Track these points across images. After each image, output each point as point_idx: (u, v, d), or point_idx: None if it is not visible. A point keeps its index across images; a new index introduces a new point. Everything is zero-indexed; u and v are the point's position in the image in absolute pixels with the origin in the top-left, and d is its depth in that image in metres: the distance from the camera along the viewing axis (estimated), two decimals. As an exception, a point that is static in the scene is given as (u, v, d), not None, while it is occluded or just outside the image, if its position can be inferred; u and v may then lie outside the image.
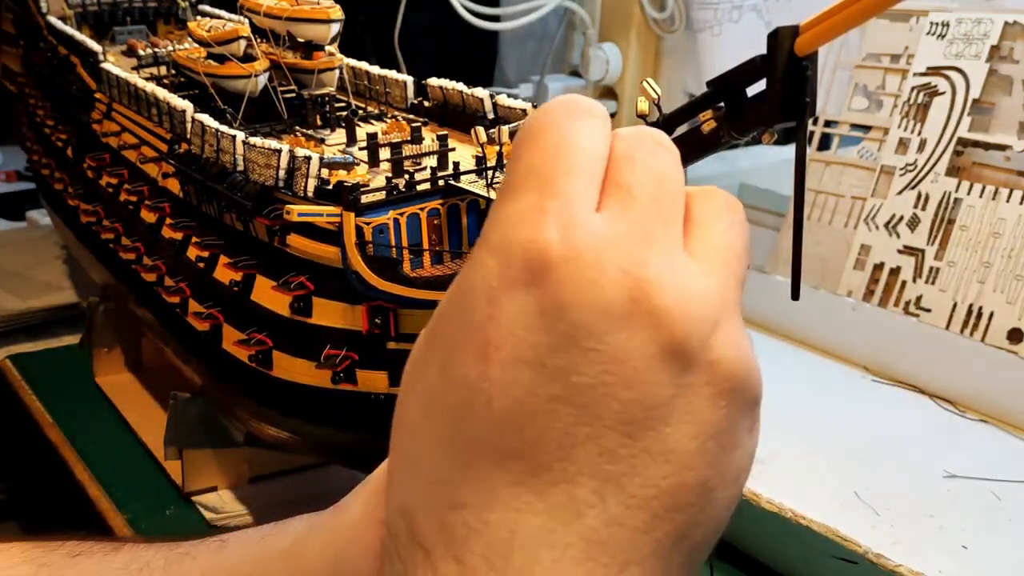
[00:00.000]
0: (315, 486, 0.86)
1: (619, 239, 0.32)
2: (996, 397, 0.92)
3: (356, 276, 0.62)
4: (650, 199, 0.33)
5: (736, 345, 0.32)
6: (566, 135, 0.34)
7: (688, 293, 0.31)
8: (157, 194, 0.88)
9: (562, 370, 0.31)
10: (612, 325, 0.31)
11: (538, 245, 0.31)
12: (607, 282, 0.31)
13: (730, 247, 0.34)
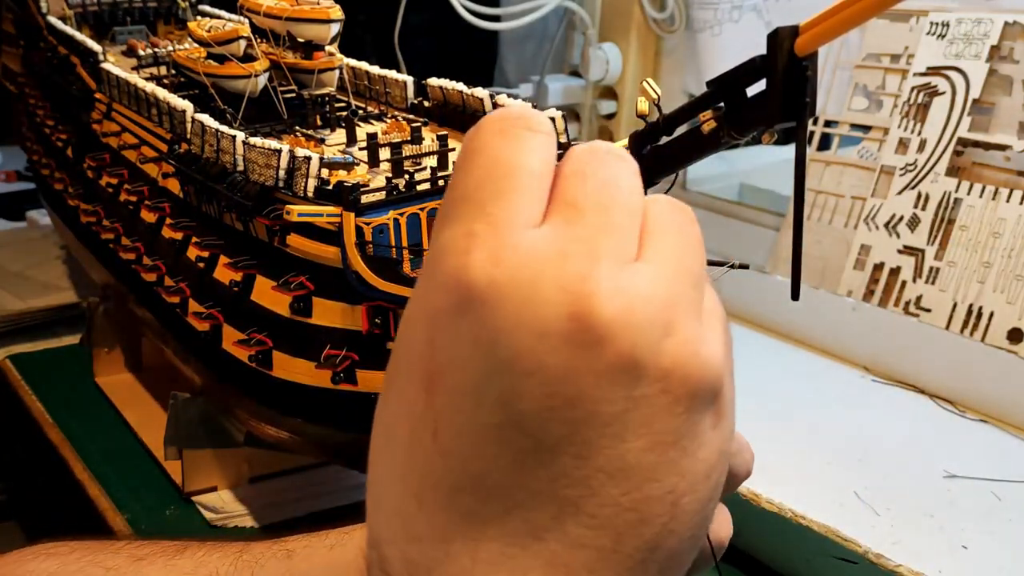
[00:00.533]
0: (315, 486, 0.86)
1: (557, 256, 0.30)
2: (996, 397, 0.92)
3: (356, 276, 0.62)
4: (597, 211, 0.31)
5: (692, 345, 0.31)
6: (497, 155, 0.32)
7: (632, 301, 0.30)
8: (157, 194, 0.88)
9: (504, 397, 0.30)
10: (552, 346, 0.29)
11: (465, 272, 0.30)
12: (542, 302, 0.29)
13: (683, 245, 0.32)
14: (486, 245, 0.30)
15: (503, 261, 0.30)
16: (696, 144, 0.41)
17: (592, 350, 0.29)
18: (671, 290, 0.31)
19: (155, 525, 0.82)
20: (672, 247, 0.32)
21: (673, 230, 0.33)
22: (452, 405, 0.30)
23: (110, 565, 0.52)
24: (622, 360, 0.29)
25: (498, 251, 0.30)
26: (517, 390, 0.30)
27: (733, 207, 1.22)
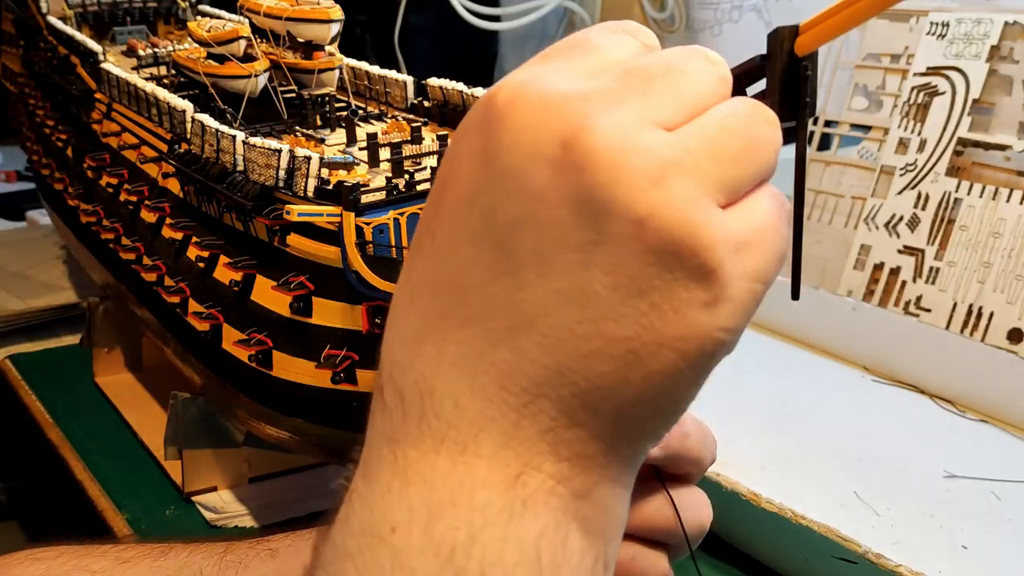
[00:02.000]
0: (315, 486, 0.86)
1: (579, 97, 0.31)
2: (996, 397, 0.92)
3: (356, 276, 0.62)
4: (643, 78, 0.32)
5: (681, 205, 0.30)
6: (586, 35, 0.34)
7: (627, 146, 0.30)
8: (157, 194, 0.88)
9: (487, 209, 0.32)
10: (538, 166, 0.31)
11: (496, 92, 0.32)
12: (544, 127, 0.31)
13: (721, 126, 0.32)
14: (526, 78, 0.32)
15: (530, 90, 0.32)
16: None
17: (571, 176, 0.31)
18: (680, 153, 0.31)
19: (155, 525, 0.82)
20: (713, 126, 0.32)
21: (726, 115, 0.33)
22: (450, 211, 0.33)
23: (96, 568, 0.53)
24: (596, 192, 0.30)
25: (532, 82, 0.32)
26: (500, 203, 0.32)
27: (733, 207, 1.22)
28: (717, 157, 0.32)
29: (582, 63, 0.33)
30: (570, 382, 0.32)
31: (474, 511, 0.31)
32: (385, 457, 0.34)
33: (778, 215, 0.33)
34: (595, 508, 0.33)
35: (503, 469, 0.32)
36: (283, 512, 0.82)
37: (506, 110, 0.32)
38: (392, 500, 0.32)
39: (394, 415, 0.34)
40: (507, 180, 0.32)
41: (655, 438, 0.34)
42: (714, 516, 0.50)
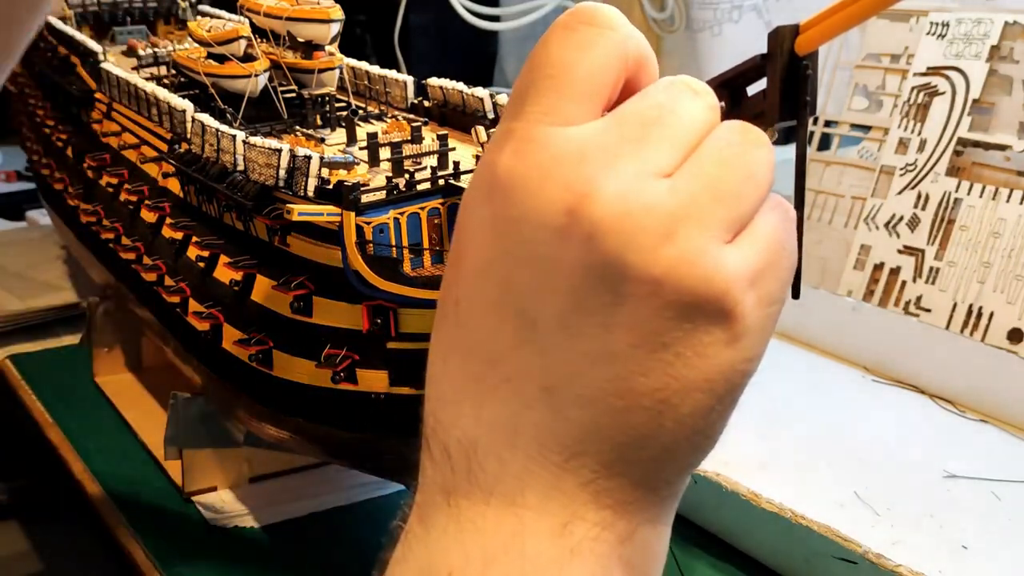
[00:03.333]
0: (315, 486, 0.86)
1: (575, 156, 0.32)
2: (996, 397, 0.92)
3: (356, 275, 0.62)
4: (636, 125, 0.32)
5: (692, 257, 0.31)
6: (551, 50, 0.33)
7: (631, 206, 0.31)
8: (157, 194, 0.88)
9: (503, 279, 0.33)
10: (546, 237, 0.31)
11: (493, 164, 0.33)
12: (547, 197, 0.31)
13: (719, 165, 0.32)
14: (516, 139, 0.32)
15: (525, 156, 0.32)
16: (696, 143, 0.41)
17: (581, 244, 0.31)
18: (685, 203, 0.31)
19: (155, 525, 0.82)
20: (710, 165, 0.32)
21: (720, 148, 0.33)
22: (469, 280, 0.34)
23: None
24: (608, 258, 0.31)
25: (523, 145, 0.32)
26: (514, 273, 0.33)
27: (733, 207, 1.22)
28: (719, 197, 0.32)
29: (564, 102, 0.33)
30: (607, 437, 0.33)
31: (525, 559, 0.33)
32: (439, 504, 0.35)
33: (783, 229, 0.34)
34: (637, 550, 0.34)
35: (550, 519, 0.33)
36: (283, 512, 0.82)
37: (508, 180, 0.32)
38: (448, 543, 0.34)
39: (443, 469, 0.35)
40: (518, 251, 0.32)
41: (691, 471, 0.35)
42: (714, 516, 0.50)
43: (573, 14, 0.34)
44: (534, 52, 0.34)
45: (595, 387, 0.32)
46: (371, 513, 0.83)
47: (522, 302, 0.32)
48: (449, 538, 0.34)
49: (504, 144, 0.33)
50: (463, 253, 0.34)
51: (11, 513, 1.30)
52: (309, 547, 0.78)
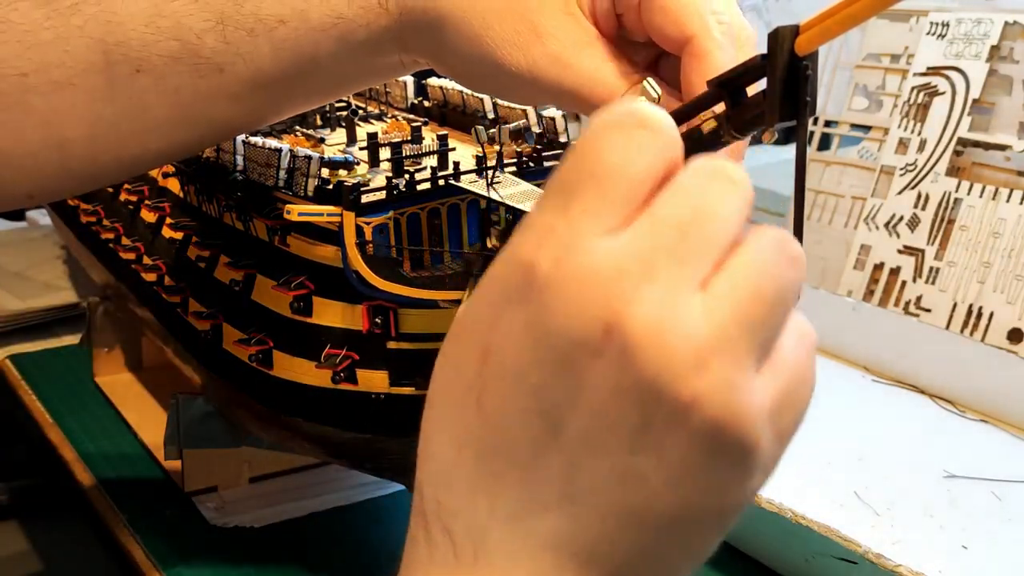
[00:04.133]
0: (315, 486, 0.86)
1: (615, 270, 0.31)
2: (996, 397, 0.92)
3: (356, 275, 0.62)
4: (675, 233, 0.32)
5: (724, 390, 0.31)
6: (600, 149, 0.33)
7: (669, 331, 0.31)
8: (157, 194, 0.88)
9: (536, 385, 0.33)
10: (584, 353, 0.32)
11: (532, 265, 0.32)
12: (586, 312, 0.31)
13: (753, 290, 0.33)
14: (557, 243, 0.32)
15: (565, 264, 0.32)
16: (696, 144, 0.41)
17: (616, 363, 0.31)
18: (719, 331, 0.31)
19: (155, 525, 0.82)
20: (746, 289, 0.32)
21: (759, 271, 0.33)
22: (496, 380, 0.34)
23: None
24: (641, 381, 0.31)
25: (564, 252, 0.32)
26: (549, 384, 0.32)
27: (733, 207, 1.22)
28: (751, 326, 0.32)
29: (608, 207, 0.32)
30: (618, 551, 0.33)
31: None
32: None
33: (807, 357, 0.35)
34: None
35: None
36: (283, 512, 0.82)
37: (548, 288, 0.32)
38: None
39: (443, 552, 0.35)
40: (555, 364, 0.32)
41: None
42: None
43: (627, 114, 0.33)
44: (584, 146, 0.33)
45: (612, 503, 0.33)
46: (371, 513, 0.83)
47: (551, 411, 0.33)
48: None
49: (545, 244, 0.32)
50: (490, 350, 0.34)
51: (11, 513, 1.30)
52: (309, 547, 0.78)
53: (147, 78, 0.53)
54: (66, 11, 0.52)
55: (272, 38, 0.55)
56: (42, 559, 1.30)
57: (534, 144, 0.69)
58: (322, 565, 0.76)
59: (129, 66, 0.53)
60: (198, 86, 0.54)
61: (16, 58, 0.51)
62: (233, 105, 0.56)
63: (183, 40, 0.54)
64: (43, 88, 0.52)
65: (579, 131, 1.43)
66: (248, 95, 0.56)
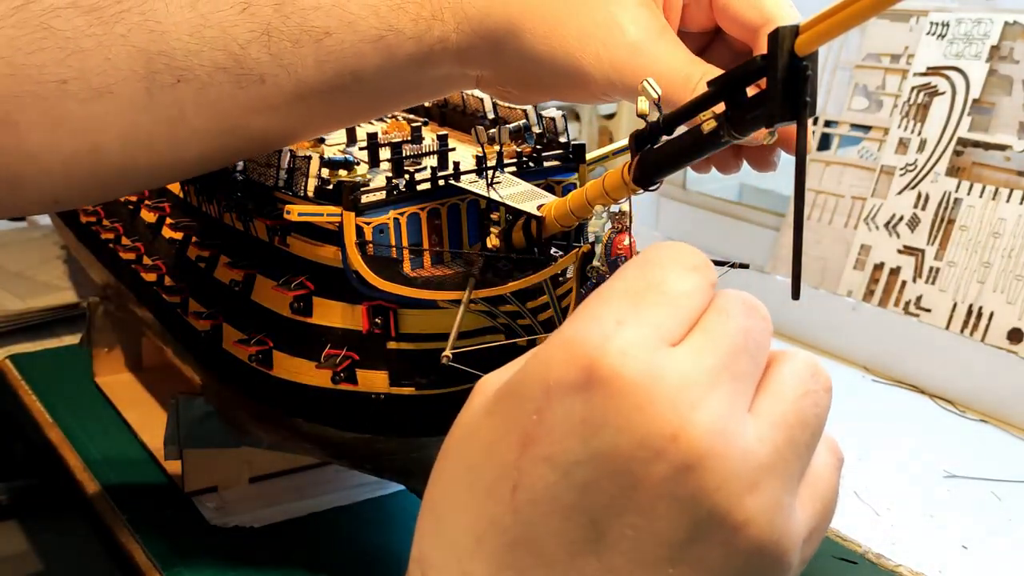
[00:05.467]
0: (315, 486, 0.86)
1: (681, 377, 0.32)
2: (996, 397, 0.92)
3: (356, 276, 0.62)
4: (728, 352, 0.33)
5: (773, 513, 0.32)
6: (668, 276, 0.35)
7: (731, 448, 0.32)
8: (157, 194, 0.88)
9: (586, 483, 0.32)
10: (645, 456, 0.31)
11: (599, 356, 0.32)
12: (653, 413, 0.31)
13: (799, 415, 0.34)
14: (626, 341, 0.32)
15: (634, 362, 0.32)
16: (696, 144, 0.41)
17: (677, 473, 0.31)
18: (772, 454, 0.33)
19: (155, 525, 0.82)
20: (789, 415, 0.34)
21: (798, 397, 0.35)
22: (538, 471, 0.32)
23: None
24: (699, 493, 0.31)
25: (634, 351, 0.32)
26: (600, 482, 0.32)
27: (733, 207, 1.22)
28: (797, 449, 0.34)
29: (673, 324, 0.34)
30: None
31: None
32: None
33: (836, 480, 0.36)
34: None
35: None
36: (283, 512, 0.82)
37: (612, 389, 0.32)
38: None
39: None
40: (611, 463, 0.32)
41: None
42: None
43: (687, 256, 0.36)
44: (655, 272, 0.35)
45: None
46: (371, 513, 0.83)
47: (597, 513, 0.32)
48: None
49: (613, 338, 0.32)
50: (534, 439, 0.33)
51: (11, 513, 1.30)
52: (309, 547, 0.78)
53: (187, 88, 0.52)
54: (110, 19, 0.51)
55: (317, 49, 0.54)
56: (42, 559, 1.30)
57: (534, 144, 0.69)
58: (322, 565, 0.76)
59: (171, 76, 0.52)
60: (237, 97, 0.54)
61: (56, 64, 0.50)
62: (272, 117, 0.55)
63: (227, 50, 0.53)
64: (82, 95, 0.51)
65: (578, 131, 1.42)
66: (288, 107, 0.55)
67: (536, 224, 0.57)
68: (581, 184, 0.67)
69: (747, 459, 0.32)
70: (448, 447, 0.36)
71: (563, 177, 0.67)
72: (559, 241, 0.57)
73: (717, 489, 0.31)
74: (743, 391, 0.33)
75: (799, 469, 0.34)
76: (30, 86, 0.50)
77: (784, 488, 0.33)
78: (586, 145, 0.68)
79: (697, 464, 0.31)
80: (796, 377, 0.35)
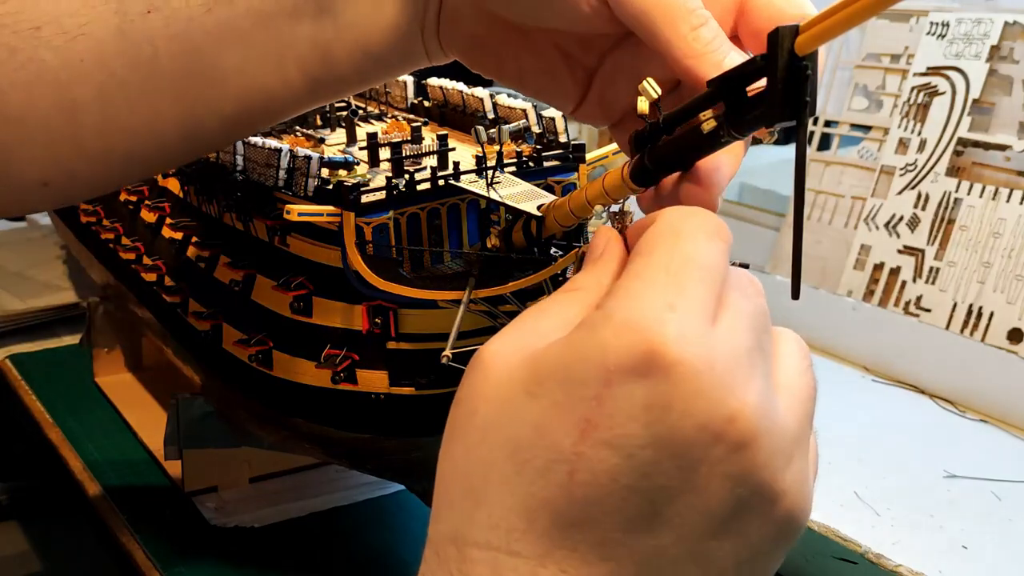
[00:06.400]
0: (315, 486, 0.86)
1: (728, 359, 0.34)
2: (996, 397, 0.92)
3: (356, 276, 0.62)
4: (756, 330, 0.36)
5: (803, 483, 0.35)
6: (701, 249, 0.36)
7: (774, 425, 0.34)
8: (157, 194, 0.88)
9: (646, 465, 0.33)
10: (705, 438, 0.33)
11: (659, 343, 0.33)
12: (712, 398, 0.33)
13: (807, 388, 0.37)
14: (682, 325, 0.33)
15: (690, 346, 0.33)
16: (696, 144, 0.41)
17: (730, 453, 0.33)
18: (798, 428, 0.36)
19: (155, 525, 0.82)
20: (804, 390, 0.37)
21: (804, 369, 0.38)
22: (598, 455, 0.33)
23: None
24: (746, 470, 0.34)
25: (688, 335, 0.33)
26: (660, 463, 0.33)
27: (733, 207, 1.22)
28: (811, 423, 0.37)
29: (712, 300, 0.35)
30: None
31: None
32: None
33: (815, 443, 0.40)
34: None
35: None
36: (283, 512, 0.82)
37: (674, 375, 0.33)
38: None
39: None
40: (673, 445, 0.33)
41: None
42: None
43: (714, 225, 0.37)
44: (687, 245, 0.36)
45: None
46: (371, 513, 0.83)
47: (655, 492, 0.33)
48: None
49: (669, 323, 0.33)
50: (595, 423, 0.33)
51: (11, 513, 1.30)
52: (309, 547, 0.78)
53: (157, 18, 0.51)
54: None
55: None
56: (42, 559, 1.31)
57: (534, 144, 0.69)
58: (322, 565, 0.76)
59: (142, 4, 0.50)
60: (206, 23, 0.51)
61: (32, 9, 0.49)
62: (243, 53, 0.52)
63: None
64: (55, 40, 0.50)
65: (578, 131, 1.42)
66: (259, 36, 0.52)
67: (536, 224, 0.57)
68: (581, 184, 0.67)
69: (784, 434, 0.34)
70: (472, 424, 0.36)
71: (563, 177, 0.67)
72: (559, 241, 0.57)
73: (764, 465, 0.33)
74: (768, 364, 0.36)
75: (808, 442, 0.37)
76: (4, 37, 0.49)
77: (806, 459, 0.36)
78: (586, 145, 0.68)
79: (751, 443, 0.33)
80: (797, 354, 0.38)
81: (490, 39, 0.51)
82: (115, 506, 0.85)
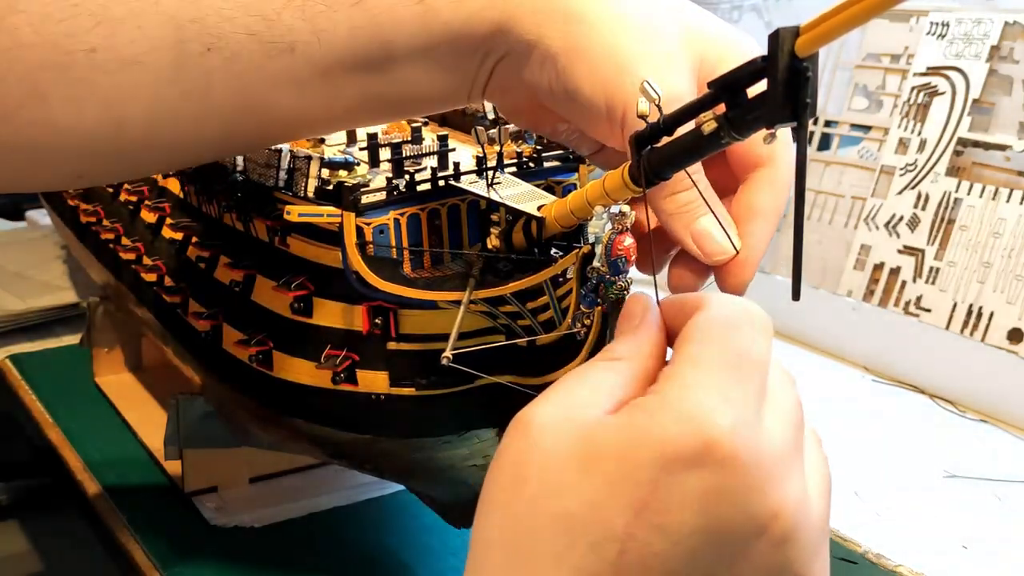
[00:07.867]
0: (315, 486, 0.86)
1: (774, 456, 0.36)
2: (996, 397, 0.92)
3: (356, 276, 0.62)
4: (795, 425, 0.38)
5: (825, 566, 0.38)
6: (752, 343, 0.38)
7: (810, 520, 0.37)
8: (157, 194, 0.88)
9: (694, 551, 0.35)
10: (752, 530, 0.35)
11: (716, 433, 0.35)
12: (762, 492, 0.35)
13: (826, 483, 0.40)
14: (736, 419, 0.35)
15: (744, 441, 0.35)
16: (697, 145, 0.41)
17: (773, 546, 0.35)
18: (823, 517, 0.38)
19: (155, 525, 0.82)
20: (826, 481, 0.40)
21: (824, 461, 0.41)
22: (649, 539, 0.35)
23: None
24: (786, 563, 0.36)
25: (742, 430, 0.35)
26: (708, 553, 0.35)
27: (733, 207, 1.22)
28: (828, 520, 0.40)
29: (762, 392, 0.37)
30: None
31: None
32: None
33: None
34: None
35: None
36: (283, 512, 0.82)
37: (729, 468, 0.35)
38: None
39: None
40: (722, 535, 0.35)
41: None
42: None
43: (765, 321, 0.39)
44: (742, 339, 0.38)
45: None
46: (371, 513, 0.83)
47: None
48: None
49: (726, 414, 0.35)
50: (649, 506, 0.35)
51: (11, 513, 1.31)
52: (309, 547, 0.78)
53: (216, 57, 0.51)
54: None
55: (351, 14, 0.52)
56: (42, 559, 1.31)
57: (534, 145, 0.69)
58: (322, 565, 0.76)
59: (200, 44, 0.51)
60: (265, 68, 0.52)
61: (86, 33, 0.49)
62: (296, 95, 0.54)
63: (262, 15, 0.51)
64: (110, 66, 0.50)
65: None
66: (313, 84, 0.54)
67: (536, 225, 0.57)
68: (581, 185, 0.67)
69: (818, 526, 0.37)
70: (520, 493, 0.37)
71: (563, 177, 0.67)
72: (559, 242, 0.57)
73: (796, 559, 0.36)
74: (802, 465, 0.38)
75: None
76: (58, 56, 0.49)
77: (826, 547, 0.39)
78: (586, 145, 0.68)
79: (790, 538, 0.35)
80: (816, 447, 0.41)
81: (530, 110, 0.56)
82: (115, 506, 0.85)
